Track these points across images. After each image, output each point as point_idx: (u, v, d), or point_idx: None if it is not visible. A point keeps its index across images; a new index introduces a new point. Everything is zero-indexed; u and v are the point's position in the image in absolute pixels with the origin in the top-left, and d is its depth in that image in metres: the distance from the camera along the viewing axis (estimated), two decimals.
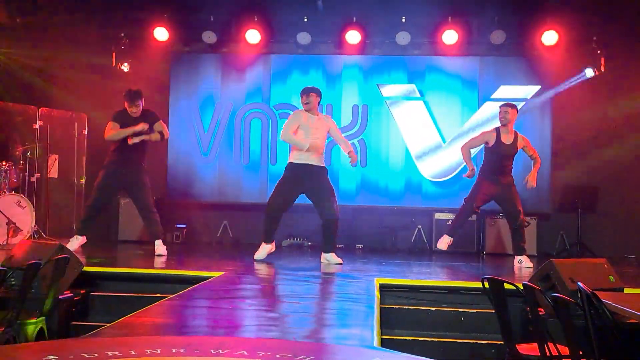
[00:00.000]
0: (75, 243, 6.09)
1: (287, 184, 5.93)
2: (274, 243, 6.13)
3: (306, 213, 6.14)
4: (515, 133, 6.32)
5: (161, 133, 6.25)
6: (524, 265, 6.12)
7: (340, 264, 5.91)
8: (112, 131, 6.03)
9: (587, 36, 8.04)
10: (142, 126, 6.04)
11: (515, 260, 6.24)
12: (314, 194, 5.92)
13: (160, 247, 6.24)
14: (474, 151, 6.68)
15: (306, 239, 8.25)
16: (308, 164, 5.87)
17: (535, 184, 6.33)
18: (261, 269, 5.55)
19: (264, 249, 6.06)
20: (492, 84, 8.39)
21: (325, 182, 5.95)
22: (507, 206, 6.27)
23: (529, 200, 7.88)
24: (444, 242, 6.44)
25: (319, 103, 6.02)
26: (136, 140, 6.05)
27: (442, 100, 8.47)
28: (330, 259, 5.95)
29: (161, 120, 6.31)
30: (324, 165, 6.02)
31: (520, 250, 6.23)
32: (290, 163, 5.94)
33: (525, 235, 6.32)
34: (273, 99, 8.64)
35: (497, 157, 6.25)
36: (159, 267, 5.43)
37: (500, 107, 6.39)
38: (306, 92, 5.95)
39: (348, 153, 5.97)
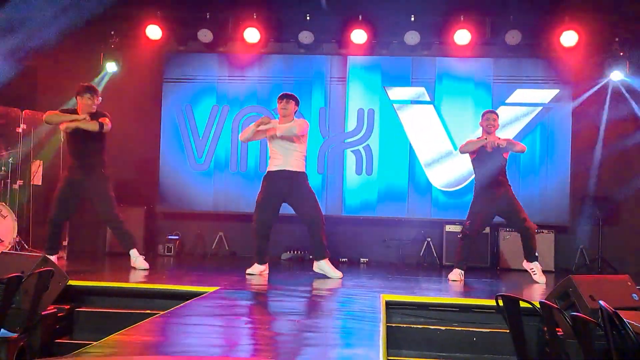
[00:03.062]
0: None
1: (266, 195, 6.07)
2: (267, 265, 6.20)
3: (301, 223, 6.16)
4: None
5: (100, 124, 6.05)
6: (535, 278, 6.11)
7: (340, 277, 5.92)
8: (51, 112, 6.01)
9: (609, 37, 8.06)
10: (84, 116, 5.99)
11: (526, 265, 6.25)
12: (293, 199, 6.05)
13: (138, 259, 6.23)
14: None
15: (306, 251, 8.24)
16: (284, 170, 6.02)
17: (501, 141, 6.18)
18: (259, 284, 5.54)
19: (256, 269, 6.13)
20: (507, 88, 8.40)
21: (304, 187, 6.08)
22: (510, 216, 6.30)
23: (546, 212, 7.90)
24: (455, 275, 6.36)
25: (295, 112, 6.23)
26: (71, 126, 5.97)
27: (454, 104, 8.48)
28: (324, 267, 6.02)
29: (108, 116, 6.22)
30: (303, 171, 6.15)
31: (533, 257, 6.25)
32: (266, 172, 6.18)
33: (536, 241, 6.28)
34: (273, 102, 8.64)
35: (483, 168, 6.26)
36: (150, 281, 5.43)
37: (485, 113, 6.41)
38: (284, 97, 6.16)
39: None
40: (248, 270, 6.12)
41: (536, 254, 6.31)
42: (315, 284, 5.61)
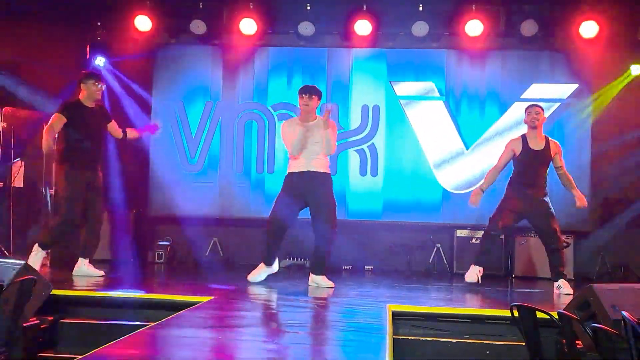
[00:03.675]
0: (38, 258, 6.05)
1: (286, 196, 6.00)
2: (275, 264, 6.20)
3: (308, 229, 6.15)
4: (546, 138, 6.35)
5: (124, 132, 6.54)
6: (562, 292, 6.09)
7: (332, 287, 5.89)
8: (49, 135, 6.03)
9: (631, 27, 8.06)
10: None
11: (553, 285, 6.23)
12: (312, 204, 6.00)
13: (91, 268, 6.22)
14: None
15: (308, 259, 8.24)
16: (308, 171, 5.94)
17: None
18: (256, 293, 5.55)
19: (263, 271, 6.11)
20: (523, 82, 8.40)
21: (325, 193, 5.99)
22: (540, 224, 6.28)
23: (565, 216, 7.86)
24: (472, 274, 6.38)
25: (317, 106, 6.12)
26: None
27: (465, 100, 8.49)
28: (320, 282, 5.99)
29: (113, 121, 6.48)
30: (328, 172, 6.08)
31: (558, 275, 6.20)
32: (289, 173, 6.08)
33: (564, 258, 6.31)
34: (271, 98, 8.67)
35: (526, 167, 6.25)
36: (139, 291, 5.44)
37: (528, 107, 6.40)
38: (307, 92, 6.00)
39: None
40: (251, 278, 6.08)
41: (562, 271, 6.24)
42: (316, 293, 5.61)
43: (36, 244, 6.08)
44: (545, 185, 6.33)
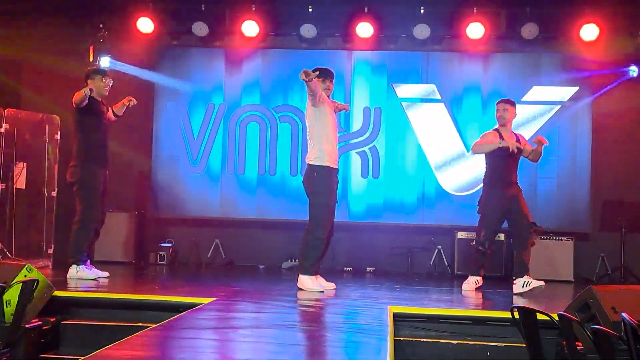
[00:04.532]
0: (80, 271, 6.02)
1: (333, 195, 5.77)
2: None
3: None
4: (515, 134, 6.36)
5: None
6: (532, 287, 5.96)
7: (322, 291, 5.72)
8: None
9: (631, 30, 8.06)
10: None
11: (519, 282, 6.05)
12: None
13: (94, 269, 6.21)
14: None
15: None
16: (337, 169, 5.85)
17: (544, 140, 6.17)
18: (258, 295, 5.55)
19: (314, 282, 5.74)
20: (523, 85, 8.41)
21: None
22: (517, 217, 6.15)
23: (565, 217, 7.90)
24: (470, 284, 6.31)
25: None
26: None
27: (466, 102, 8.49)
28: (304, 282, 5.72)
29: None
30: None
31: (525, 271, 6.08)
32: (327, 168, 5.72)
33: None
34: (273, 100, 8.68)
35: (499, 163, 6.21)
36: (141, 292, 5.44)
37: (497, 103, 6.39)
38: (332, 76, 5.90)
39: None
40: (309, 286, 5.70)
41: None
42: (318, 294, 5.61)
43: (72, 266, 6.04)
44: (516, 180, 6.28)
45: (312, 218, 5.70)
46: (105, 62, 8.47)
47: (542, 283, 6.02)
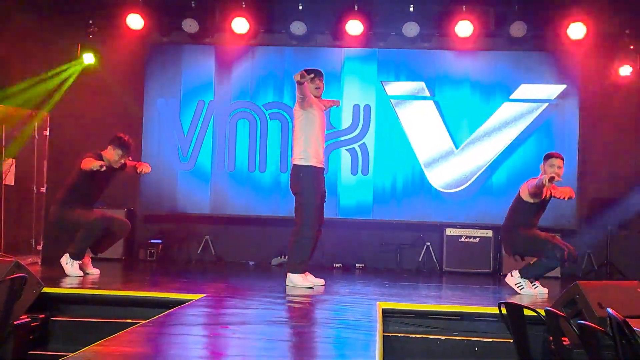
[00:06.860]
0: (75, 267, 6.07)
1: (320, 194, 5.76)
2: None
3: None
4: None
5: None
6: (525, 292, 5.92)
7: (310, 287, 5.73)
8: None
9: (618, 29, 8.12)
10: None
11: (512, 275, 6.03)
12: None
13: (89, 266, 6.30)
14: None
15: None
16: (322, 168, 5.85)
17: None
18: (247, 291, 5.54)
19: (303, 279, 5.74)
20: (512, 83, 8.44)
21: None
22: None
23: (552, 215, 7.90)
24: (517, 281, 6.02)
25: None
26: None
27: (455, 100, 8.51)
28: (292, 280, 5.72)
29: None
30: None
31: (537, 278, 6.03)
32: (312, 167, 5.70)
33: None
34: (263, 97, 8.67)
35: (535, 214, 6.05)
36: (131, 288, 5.42)
37: (549, 157, 5.89)
38: (321, 75, 5.86)
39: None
40: (299, 283, 5.68)
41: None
42: (307, 291, 5.61)
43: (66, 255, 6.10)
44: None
45: (298, 218, 5.69)
46: (88, 58, 8.38)
47: (537, 293, 5.91)
